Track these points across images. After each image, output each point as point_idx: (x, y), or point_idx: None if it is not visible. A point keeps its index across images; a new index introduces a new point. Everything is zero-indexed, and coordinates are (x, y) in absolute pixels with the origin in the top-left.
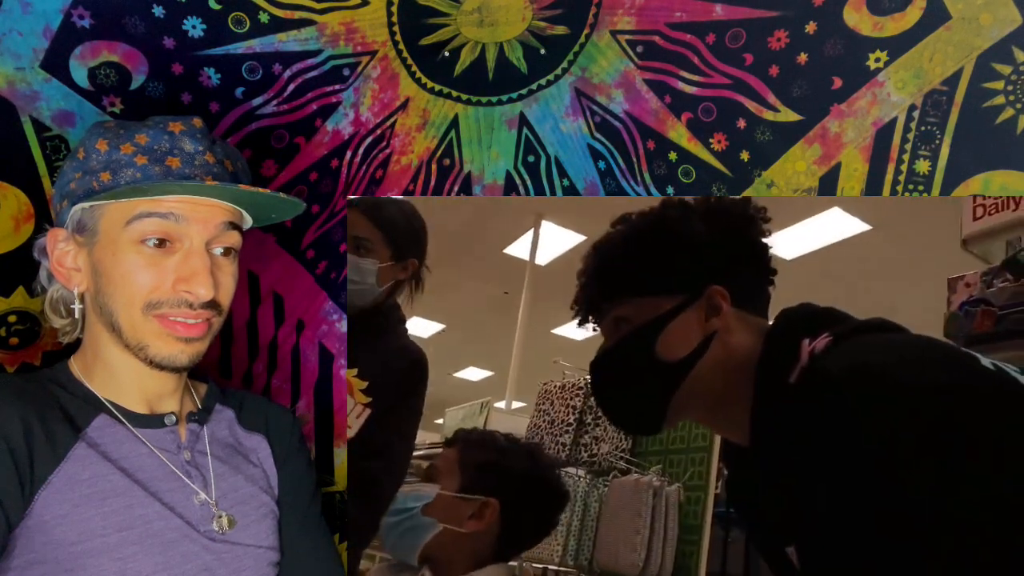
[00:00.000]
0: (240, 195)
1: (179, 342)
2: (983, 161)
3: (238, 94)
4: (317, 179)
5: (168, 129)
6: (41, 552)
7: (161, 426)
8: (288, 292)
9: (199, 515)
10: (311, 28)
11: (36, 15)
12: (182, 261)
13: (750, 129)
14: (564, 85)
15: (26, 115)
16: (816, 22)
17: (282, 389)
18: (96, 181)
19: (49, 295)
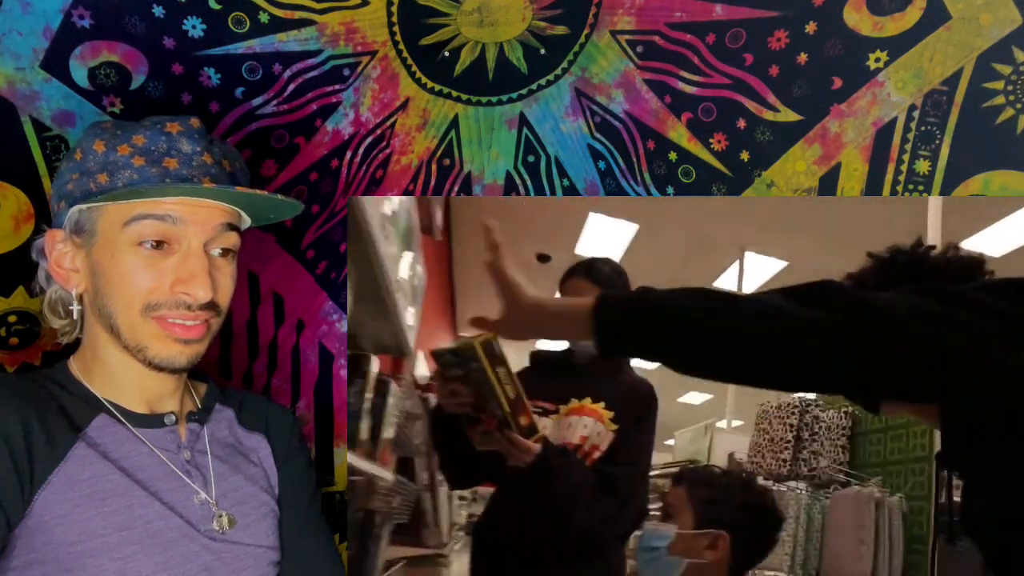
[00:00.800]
0: (238, 196)
1: (178, 344)
2: (983, 161)
3: (238, 94)
4: (317, 179)
5: (165, 130)
6: (41, 552)
7: (161, 426)
8: (288, 292)
9: (199, 515)
10: (311, 28)
11: (36, 15)
12: (180, 263)
13: (750, 129)
14: (564, 85)
15: (26, 115)
16: (816, 22)
17: (282, 389)
18: (93, 182)
19: (48, 296)
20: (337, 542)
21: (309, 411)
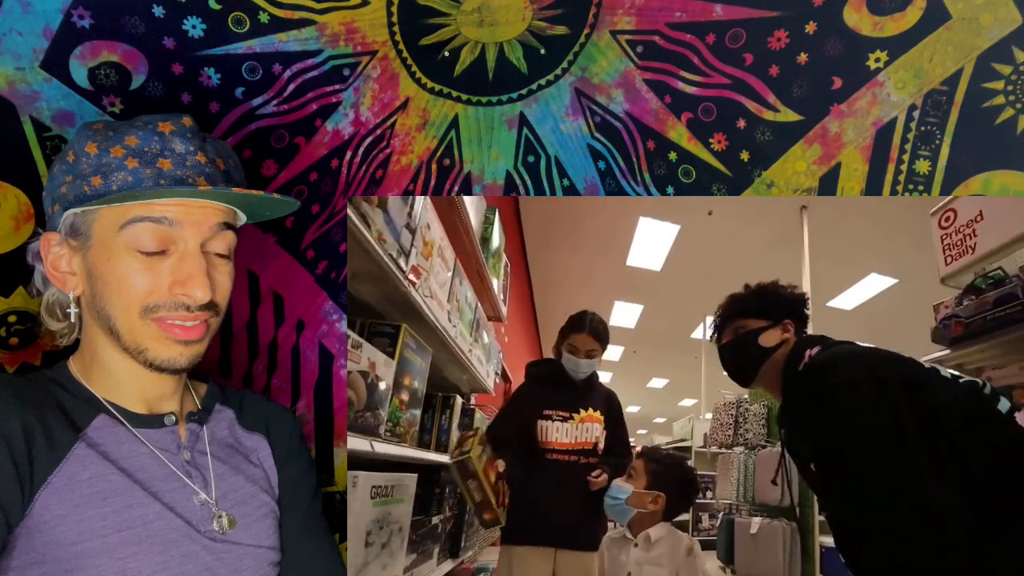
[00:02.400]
0: (233, 196)
1: (178, 344)
2: (983, 161)
3: (238, 94)
4: (317, 179)
5: (158, 130)
6: (41, 552)
7: (161, 426)
8: (288, 292)
9: (199, 515)
10: (311, 28)
11: (36, 15)
12: (177, 264)
13: (750, 129)
14: (564, 85)
15: (26, 115)
16: (816, 22)
17: (282, 389)
18: (87, 185)
19: (45, 299)
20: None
21: (309, 411)
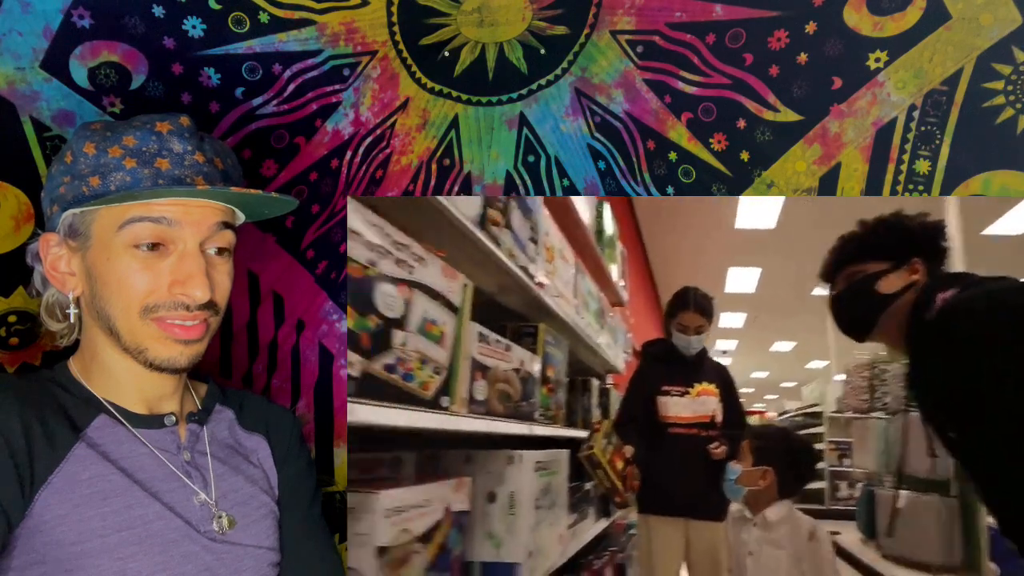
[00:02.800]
0: (232, 195)
1: (178, 344)
2: (983, 161)
3: (238, 94)
4: (317, 179)
5: (156, 129)
6: (41, 552)
7: (161, 426)
8: (288, 292)
9: (199, 515)
10: (311, 28)
11: (36, 15)
12: (177, 264)
13: (750, 129)
14: (564, 85)
15: (26, 115)
16: (816, 22)
17: (282, 389)
18: (85, 186)
19: (44, 299)
20: (337, 542)
21: (309, 411)
